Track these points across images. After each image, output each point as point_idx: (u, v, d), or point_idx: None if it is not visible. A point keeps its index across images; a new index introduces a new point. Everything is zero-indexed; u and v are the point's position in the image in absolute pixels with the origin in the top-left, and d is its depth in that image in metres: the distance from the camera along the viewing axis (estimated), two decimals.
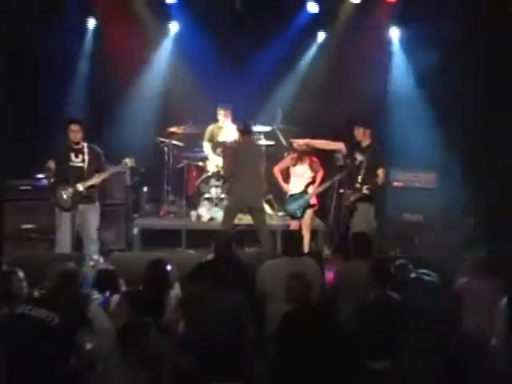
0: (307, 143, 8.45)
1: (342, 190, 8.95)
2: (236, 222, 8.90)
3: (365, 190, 7.78)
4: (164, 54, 10.20)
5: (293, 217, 8.52)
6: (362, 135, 7.97)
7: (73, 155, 7.71)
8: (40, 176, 8.45)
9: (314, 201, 8.56)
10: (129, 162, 7.92)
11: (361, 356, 4.86)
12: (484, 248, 7.66)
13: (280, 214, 9.28)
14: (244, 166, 8.20)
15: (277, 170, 8.73)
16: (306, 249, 7.83)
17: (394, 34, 9.89)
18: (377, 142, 8.00)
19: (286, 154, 9.34)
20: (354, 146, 8.04)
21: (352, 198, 7.93)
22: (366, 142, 7.97)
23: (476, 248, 8.02)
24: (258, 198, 8.36)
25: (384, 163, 7.95)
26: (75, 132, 7.66)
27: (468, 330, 5.37)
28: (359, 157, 7.96)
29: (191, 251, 8.53)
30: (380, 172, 7.89)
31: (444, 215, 8.82)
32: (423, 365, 4.61)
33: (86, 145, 7.77)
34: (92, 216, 7.88)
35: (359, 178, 7.85)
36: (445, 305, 5.41)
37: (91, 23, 9.83)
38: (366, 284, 5.49)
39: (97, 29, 9.80)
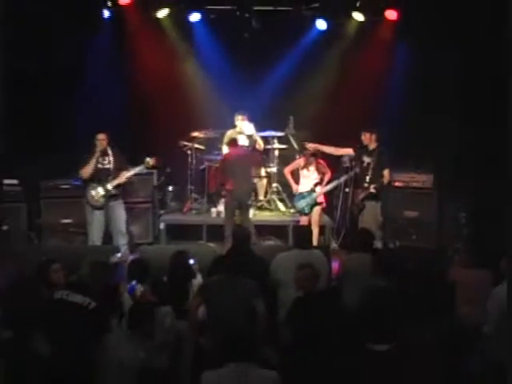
0: (317, 147, 8.50)
1: (347, 190, 9.01)
2: (251, 217, 9.01)
3: (372, 189, 7.87)
4: (187, 66, 10.23)
5: (301, 213, 8.58)
6: (368, 139, 8.09)
7: (100, 158, 7.92)
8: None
9: (321, 199, 8.61)
10: (150, 161, 8.11)
11: (363, 339, 4.88)
12: (474, 241, 7.73)
13: (292, 211, 9.30)
14: (235, 170, 8.35)
15: (287, 172, 8.82)
16: (314, 242, 7.86)
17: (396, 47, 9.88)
18: (383, 145, 8.04)
19: (297, 157, 9.39)
20: (361, 149, 8.15)
21: (360, 197, 8.01)
22: (372, 146, 8.08)
23: (467, 241, 8.08)
24: (247, 196, 8.53)
25: (388, 164, 7.99)
26: (101, 140, 7.93)
27: (461, 316, 5.37)
28: (366, 159, 8.06)
29: (211, 244, 8.61)
30: (386, 172, 8.00)
31: (439, 212, 8.82)
32: (421, 348, 4.60)
33: (109, 148, 8.00)
34: (120, 211, 8.08)
35: (367, 178, 7.98)
36: (440, 293, 5.41)
37: (122, 39, 9.87)
38: (367, 273, 5.54)
39: (127, 44, 9.84)
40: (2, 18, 4.76)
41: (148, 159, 8.09)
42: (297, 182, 8.77)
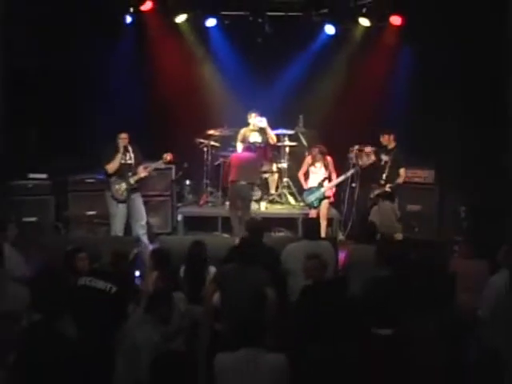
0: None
1: (354, 184, 8.97)
2: (263, 210, 8.99)
3: (387, 188, 7.84)
4: (204, 69, 10.23)
5: (310, 207, 8.56)
6: (387, 140, 8.10)
7: (123, 155, 7.95)
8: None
9: (329, 193, 8.59)
10: (167, 156, 8.16)
11: (368, 324, 4.86)
12: (473, 234, 7.67)
13: (301, 204, 9.28)
14: (240, 165, 8.44)
15: (300, 174, 8.82)
16: (322, 234, 7.86)
17: (401, 50, 9.81)
18: (400, 145, 8.04)
19: (306, 153, 9.38)
20: (380, 148, 8.15)
21: (376, 192, 7.99)
22: (391, 146, 8.08)
23: (466, 234, 8.03)
24: (248, 190, 8.48)
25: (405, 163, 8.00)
26: (124, 139, 7.95)
27: (460, 304, 5.33)
28: (384, 157, 8.09)
29: (225, 235, 8.63)
30: (402, 171, 8.00)
31: (440, 206, 8.77)
32: (422, 332, 4.57)
33: (129, 145, 8.02)
34: (140, 204, 8.09)
35: (383, 176, 7.96)
36: (441, 283, 5.36)
37: (143, 43, 9.86)
38: (371, 263, 5.51)
39: (147, 48, 9.84)
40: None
41: (165, 155, 8.14)
42: (306, 177, 8.75)
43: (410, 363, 4.28)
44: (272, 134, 9.27)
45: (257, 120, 9.18)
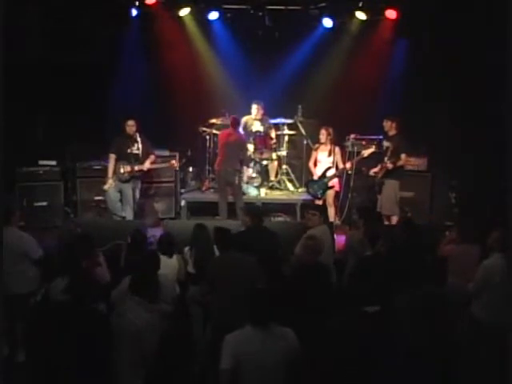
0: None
1: (349, 172, 9.02)
2: (263, 196, 9.06)
3: (388, 165, 7.92)
4: (207, 60, 10.26)
5: (315, 196, 8.61)
6: (389, 126, 8.15)
7: (130, 144, 8.05)
8: None
9: (332, 183, 8.63)
10: (174, 163, 8.58)
11: (356, 302, 4.93)
12: (462, 219, 7.76)
13: (300, 190, 9.38)
14: (223, 151, 8.48)
15: (311, 165, 8.87)
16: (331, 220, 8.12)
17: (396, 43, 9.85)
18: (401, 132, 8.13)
19: (304, 142, 9.44)
20: (382, 134, 8.25)
21: (380, 175, 8.10)
22: (392, 132, 8.14)
23: (456, 219, 8.12)
24: (232, 176, 8.50)
25: (406, 149, 8.06)
26: (131, 126, 8.03)
27: (451, 286, 5.42)
28: (385, 143, 8.16)
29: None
30: (403, 156, 8.04)
31: (432, 192, 8.86)
32: (408, 310, 4.65)
33: (138, 134, 8.10)
34: (136, 191, 8.28)
35: (385, 159, 8.03)
36: (430, 264, 5.44)
37: (148, 35, 9.90)
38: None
39: (152, 40, 9.87)
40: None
41: (173, 161, 8.50)
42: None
43: (398, 339, 4.36)
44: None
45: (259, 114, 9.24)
